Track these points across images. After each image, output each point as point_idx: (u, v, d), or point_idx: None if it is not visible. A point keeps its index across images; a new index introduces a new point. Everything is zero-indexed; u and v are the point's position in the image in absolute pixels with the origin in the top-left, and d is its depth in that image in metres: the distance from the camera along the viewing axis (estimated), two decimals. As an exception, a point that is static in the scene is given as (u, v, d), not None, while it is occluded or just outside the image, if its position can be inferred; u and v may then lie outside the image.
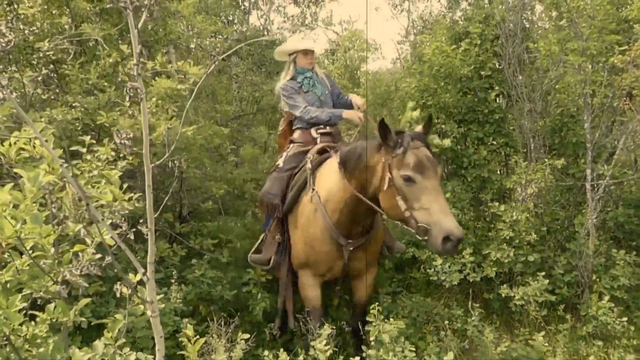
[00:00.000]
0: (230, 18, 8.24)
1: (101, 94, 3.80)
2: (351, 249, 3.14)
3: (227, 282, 3.87)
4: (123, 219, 1.50)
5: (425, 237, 2.53)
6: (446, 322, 3.64)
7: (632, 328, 3.66)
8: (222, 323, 3.05)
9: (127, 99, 1.58)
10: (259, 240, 3.61)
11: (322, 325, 2.98)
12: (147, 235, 1.68)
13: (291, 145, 3.76)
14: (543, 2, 4.56)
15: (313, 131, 3.71)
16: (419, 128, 2.92)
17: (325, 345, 2.72)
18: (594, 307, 3.71)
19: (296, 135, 3.80)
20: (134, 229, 1.52)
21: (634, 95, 4.62)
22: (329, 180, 3.16)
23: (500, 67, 4.85)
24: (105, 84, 3.85)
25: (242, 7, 8.90)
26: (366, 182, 2.88)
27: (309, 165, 3.37)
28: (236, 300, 3.87)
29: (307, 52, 3.77)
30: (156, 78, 3.80)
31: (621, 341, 3.59)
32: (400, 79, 5.76)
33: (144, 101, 1.65)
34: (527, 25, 5.27)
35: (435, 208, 2.51)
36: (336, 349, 3.03)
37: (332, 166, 3.22)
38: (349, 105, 3.87)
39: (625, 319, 3.62)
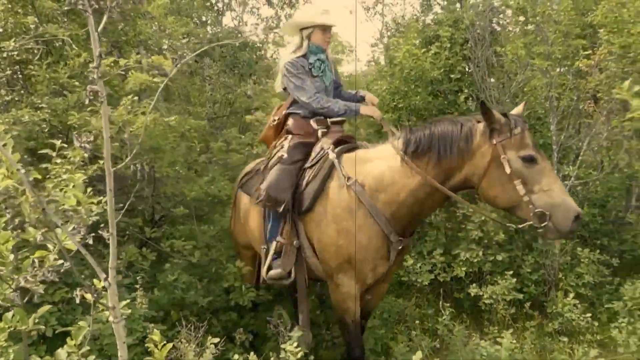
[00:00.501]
0: (204, 19, 8.18)
1: (70, 94, 3.73)
2: (400, 247, 2.84)
3: (201, 288, 3.81)
4: (81, 224, 1.48)
5: (542, 223, 2.38)
6: (417, 321, 3.68)
7: (596, 324, 3.78)
8: (192, 328, 3.02)
9: (87, 101, 1.55)
10: (271, 253, 3.04)
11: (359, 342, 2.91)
12: (108, 239, 1.66)
13: (289, 136, 3.28)
14: (511, 7, 4.66)
15: (313, 122, 3.22)
16: (517, 110, 2.73)
17: (296, 347, 2.72)
18: (559, 304, 3.82)
19: (292, 124, 3.30)
20: (93, 234, 1.49)
21: (598, 98, 4.76)
22: (379, 168, 2.84)
23: (469, 71, 4.93)
24: (77, 83, 3.79)
25: (216, 8, 8.84)
26: (455, 169, 2.63)
27: (332, 154, 2.98)
28: (209, 303, 3.83)
29: (327, 29, 3.22)
30: (132, 72, 3.74)
31: (585, 336, 3.70)
32: (372, 82, 5.81)
33: (104, 104, 1.63)
34: (498, 29, 5.38)
35: (557, 189, 2.40)
36: (307, 351, 3.02)
37: (379, 153, 2.91)
38: (358, 101, 3.39)
39: (589, 315, 3.74)
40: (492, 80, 4.97)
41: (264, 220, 3.15)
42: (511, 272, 3.96)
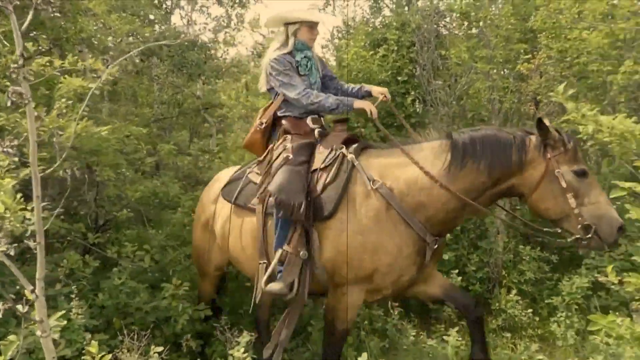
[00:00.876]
0: (152, 17, 7.95)
1: (2, 94, 3.54)
2: (435, 247, 2.74)
3: (146, 295, 3.67)
4: (1, 233, 1.39)
5: (588, 235, 2.43)
6: (366, 322, 3.71)
7: (537, 319, 3.94)
8: (135, 337, 2.93)
9: (9, 103, 1.47)
10: (274, 263, 2.73)
11: (338, 352, 2.81)
12: (36, 249, 1.58)
13: (288, 136, 3.04)
14: (455, 11, 4.77)
15: (309, 121, 3.07)
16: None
17: (244, 353, 2.68)
18: (503, 301, 3.94)
19: (288, 124, 3.08)
20: (15, 244, 1.41)
21: (539, 100, 4.95)
22: (412, 171, 2.70)
23: (416, 73, 5.02)
24: (8, 83, 3.59)
25: (164, 6, 8.61)
26: (502, 178, 2.62)
27: (350, 155, 2.81)
28: (154, 311, 3.72)
29: (313, 26, 3.12)
30: (65, 76, 3.58)
31: (527, 331, 3.85)
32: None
33: (29, 106, 1.55)
34: (445, 33, 5.50)
35: (603, 201, 2.47)
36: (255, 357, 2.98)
37: (412, 152, 2.77)
38: (363, 97, 3.22)
39: (530, 310, 3.90)
40: (439, 82, 5.08)
41: (263, 232, 2.91)
42: (457, 271, 4.06)
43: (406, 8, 6.28)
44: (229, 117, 6.82)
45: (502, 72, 4.68)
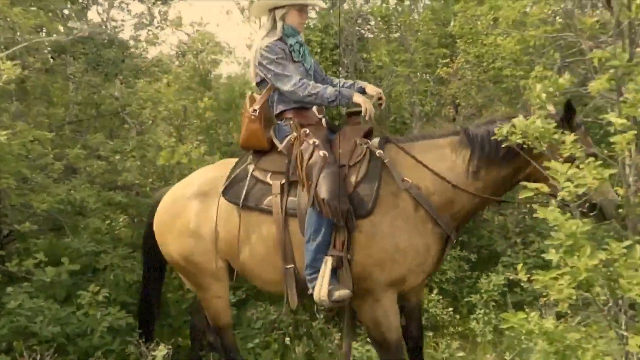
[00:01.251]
0: (67, 12, 7.48)
1: None
2: (455, 241, 2.74)
3: (50, 312, 3.37)
4: None
5: (592, 212, 2.44)
6: (290, 328, 3.65)
7: (457, 317, 4.05)
8: (38, 357, 2.71)
9: None
10: (329, 270, 2.55)
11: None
12: None
13: (307, 130, 2.79)
14: (375, 14, 4.83)
15: (315, 111, 2.92)
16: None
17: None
18: (425, 301, 4.01)
19: (298, 117, 2.85)
20: None
21: (458, 103, 5.11)
22: (437, 168, 2.64)
23: (339, 76, 5.03)
24: None
25: (80, 0, 8.13)
26: (522, 167, 2.57)
27: (379, 151, 2.67)
28: (67, 325, 3.46)
29: (303, 9, 2.88)
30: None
31: (448, 329, 3.94)
32: (245, 84, 5.71)
33: None
34: (370, 36, 5.55)
35: (607, 182, 2.36)
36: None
37: (429, 148, 2.72)
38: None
39: (451, 309, 3.99)
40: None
41: (285, 234, 2.71)
42: (381, 272, 4.08)
43: (330, 11, 6.29)
44: (142, 114, 6.43)
45: (422, 76, 4.78)
